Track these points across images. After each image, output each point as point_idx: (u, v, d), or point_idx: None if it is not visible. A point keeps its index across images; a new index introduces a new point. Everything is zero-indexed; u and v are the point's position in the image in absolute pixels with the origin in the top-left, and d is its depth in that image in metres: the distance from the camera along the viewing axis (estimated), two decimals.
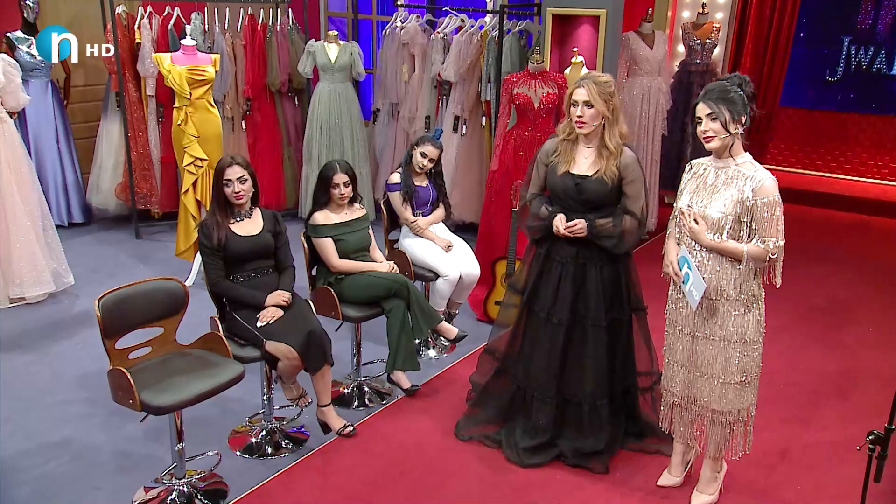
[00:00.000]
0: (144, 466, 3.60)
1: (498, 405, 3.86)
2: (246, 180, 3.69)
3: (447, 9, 6.89)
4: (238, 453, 3.78)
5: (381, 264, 4.28)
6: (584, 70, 5.74)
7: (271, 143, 7.28)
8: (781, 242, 2.95)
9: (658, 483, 3.50)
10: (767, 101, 8.98)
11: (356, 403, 4.25)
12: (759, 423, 3.99)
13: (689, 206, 3.10)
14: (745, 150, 3.05)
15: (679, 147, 7.63)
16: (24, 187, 5.31)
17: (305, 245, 4.23)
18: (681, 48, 7.83)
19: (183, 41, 5.68)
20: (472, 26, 6.59)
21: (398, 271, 4.31)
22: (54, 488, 3.47)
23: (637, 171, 3.42)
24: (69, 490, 3.46)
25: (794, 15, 8.64)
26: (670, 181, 7.30)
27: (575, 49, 5.73)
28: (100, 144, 6.96)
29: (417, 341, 4.88)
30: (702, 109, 2.98)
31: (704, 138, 3.01)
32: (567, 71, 5.71)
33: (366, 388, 4.35)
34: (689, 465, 3.54)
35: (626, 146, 3.44)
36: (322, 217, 4.20)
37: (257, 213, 3.83)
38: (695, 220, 3.04)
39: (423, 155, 4.66)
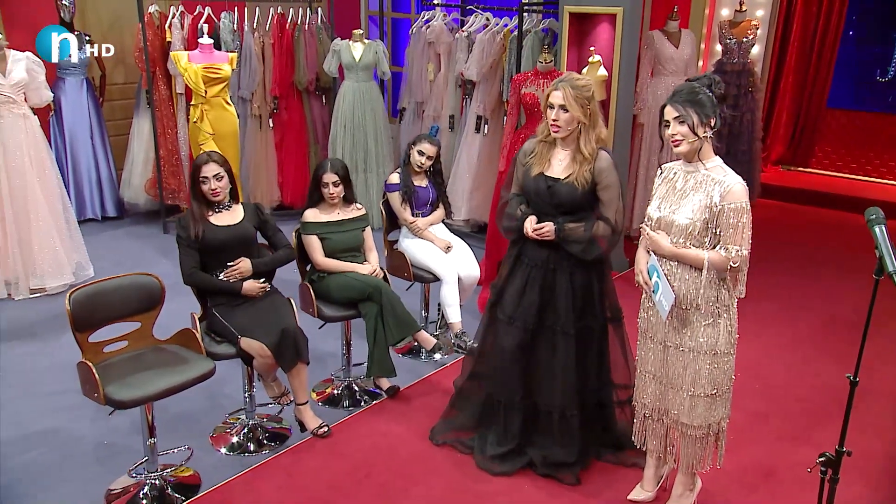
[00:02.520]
0: (123, 458, 3.64)
1: (473, 410, 3.79)
2: (222, 177, 3.72)
3: (472, 7, 6.82)
4: (223, 450, 3.80)
5: (363, 266, 4.22)
6: (602, 70, 5.60)
7: (298, 141, 7.35)
8: (745, 252, 2.80)
9: (629, 497, 3.38)
10: (814, 101, 8.64)
11: (346, 403, 4.23)
12: (750, 438, 3.85)
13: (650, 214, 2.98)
14: (717, 154, 2.93)
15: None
16: (46, 181, 5.48)
17: (295, 241, 4.23)
18: (718, 47, 7.58)
19: (200, 40, 5.77)
20: (497, 24, 6.51)
21: (381, 276, 4.26)
22: (32, 477, 3.54)
23: (612, 176, 3.30)
24: (46, 479, 3.53)
25: (842, 12, 8.29)
26: None
27: (592, 48, 5.60)
28: (132, 141, 7.15)
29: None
30: (669, 112, 2.87)
31: (673, 142, 2.89)
32: (584, 71, 5.59)
33: (355, 388, 4.32)
34: (662, 480, 3.40)
35: (604, 151, 3.33)
36: (312, 215, 4.21)
37: (238, 206, 3.86)
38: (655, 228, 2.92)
39: (421, 153, 4.63)
